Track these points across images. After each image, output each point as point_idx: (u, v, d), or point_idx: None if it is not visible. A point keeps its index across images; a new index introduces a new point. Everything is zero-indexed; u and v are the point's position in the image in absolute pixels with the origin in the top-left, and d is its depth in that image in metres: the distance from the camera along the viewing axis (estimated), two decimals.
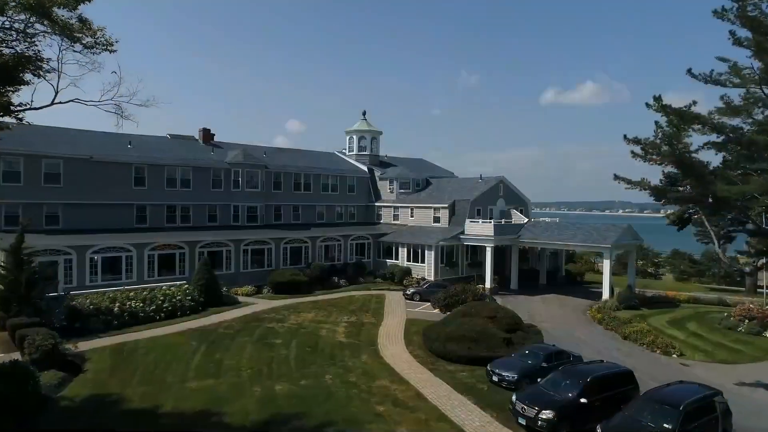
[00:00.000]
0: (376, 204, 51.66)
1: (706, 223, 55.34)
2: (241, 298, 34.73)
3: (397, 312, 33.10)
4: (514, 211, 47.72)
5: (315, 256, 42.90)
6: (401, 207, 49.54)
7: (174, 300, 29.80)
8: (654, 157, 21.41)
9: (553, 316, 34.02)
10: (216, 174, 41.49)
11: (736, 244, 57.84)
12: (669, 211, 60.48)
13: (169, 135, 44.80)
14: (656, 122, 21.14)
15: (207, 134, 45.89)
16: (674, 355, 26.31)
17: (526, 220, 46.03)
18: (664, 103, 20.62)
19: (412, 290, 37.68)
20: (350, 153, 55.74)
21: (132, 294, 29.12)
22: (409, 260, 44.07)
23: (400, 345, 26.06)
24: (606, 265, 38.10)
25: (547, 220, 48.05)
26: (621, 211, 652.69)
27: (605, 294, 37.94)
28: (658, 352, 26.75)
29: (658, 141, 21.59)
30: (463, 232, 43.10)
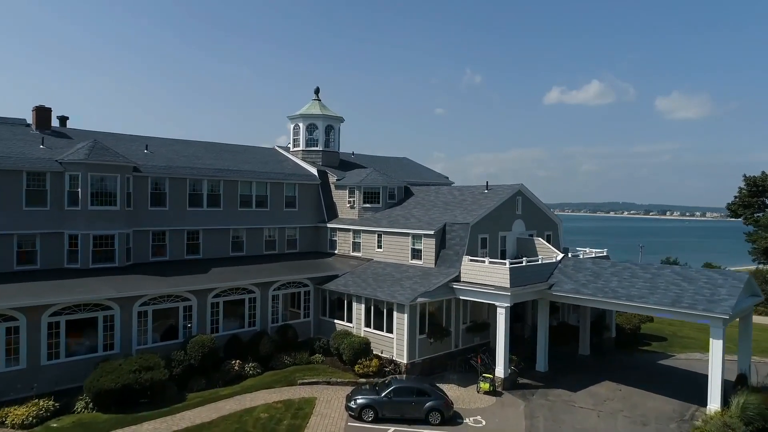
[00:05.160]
0: (329, 225, 34.09)
1: None
2: None
3: None
4: (539, 241, 30.25)
5: (205, 322, 25.36)
6: (364, 231, 31.97)
7: None
8: None
9: None
10: (35, 181, 24.08)
11: None
12: (754, 234, 43.26)
13: None
14: None
15: (43, 116, 28.30)
16: None
17: (560, 255, 28.53)
18: None
19: (361, 399, 20.29)
20: (295, 149, 38.10)
21: None
22: (368, 325, 26.62)
23: None
24: (717, 349, 20.90)
25: (592, 253, 30.72)
26: (626, 212, 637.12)
27: (713, 400, 20.95)
28: None
29: None
30: (458, 278, 25.87)
